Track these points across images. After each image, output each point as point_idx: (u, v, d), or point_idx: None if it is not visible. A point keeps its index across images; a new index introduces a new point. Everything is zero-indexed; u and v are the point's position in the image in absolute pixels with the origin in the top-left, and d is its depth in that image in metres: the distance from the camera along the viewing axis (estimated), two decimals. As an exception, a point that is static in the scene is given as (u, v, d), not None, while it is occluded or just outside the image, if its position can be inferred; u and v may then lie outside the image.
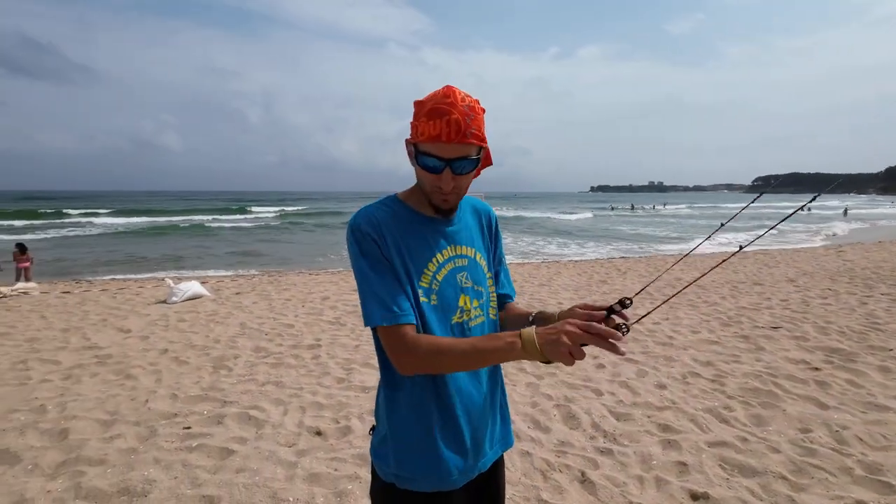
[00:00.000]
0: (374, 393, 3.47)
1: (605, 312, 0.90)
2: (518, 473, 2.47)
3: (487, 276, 1.12)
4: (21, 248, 11.22)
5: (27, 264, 10.95)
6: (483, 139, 0.97)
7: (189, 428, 2.95)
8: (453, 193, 0.99)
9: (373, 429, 1.11)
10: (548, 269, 10.17)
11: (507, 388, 3.46)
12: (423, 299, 0.99)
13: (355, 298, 6.86)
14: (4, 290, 7.31)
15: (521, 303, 6.32)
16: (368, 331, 4.99)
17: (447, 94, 0.94)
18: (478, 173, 1.07)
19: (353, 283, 8.08)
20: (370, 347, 4.54)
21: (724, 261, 1.19)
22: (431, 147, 0.94)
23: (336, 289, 7.73)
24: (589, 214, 43.18)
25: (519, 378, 3.72)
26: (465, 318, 1.04)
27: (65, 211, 37.18)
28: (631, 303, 0.90)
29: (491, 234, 1.19)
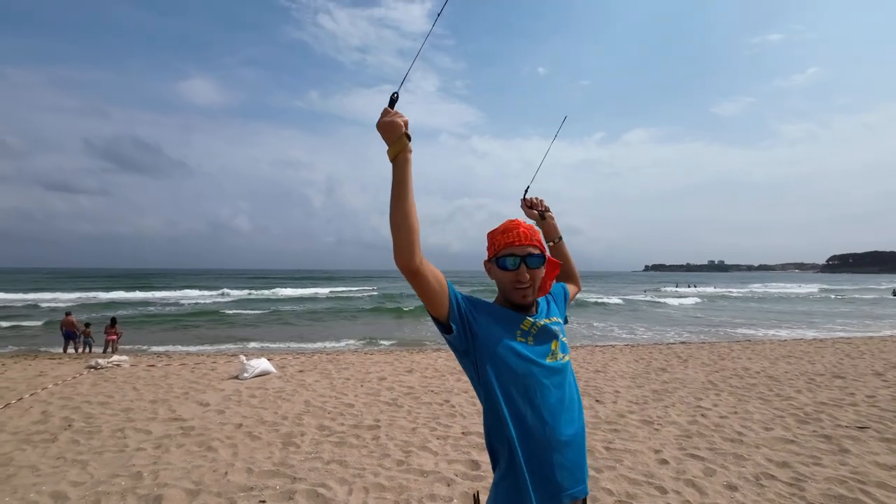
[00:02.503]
0: (432, 477, 3.56)
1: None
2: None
3: (565, 340, 1.38)
4: (112, 321, 12.58)
5: (114, 337, 12.21)
6: (543, 248, 1.34)
7: (264, 502, 3.18)
8: (530, 286, 1.29)
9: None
10: (602, 353, 9.89)
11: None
12: (520, 339, 1.25)
13: (410, 380, 7.05)
14: (102, 362, 8.19)
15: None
16: (425, 412, 5.16)
17: (514, 222, 1.35)
18: (550, 276, 1.39)
19: (408, 364, 8.33)
20: (426, 430, 4.66)
21: None
22: (508, 250, 1.30)
23: (391, 369, 7.96)
24: (696, 299, 35.37)
25: (577, 470, 3.67)
26: (553, 359, 1.28)
27: (149, 291, 41.03)
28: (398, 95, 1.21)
29: (558, 300, 1.51)
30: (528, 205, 1.75)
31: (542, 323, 1.30)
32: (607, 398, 5.92)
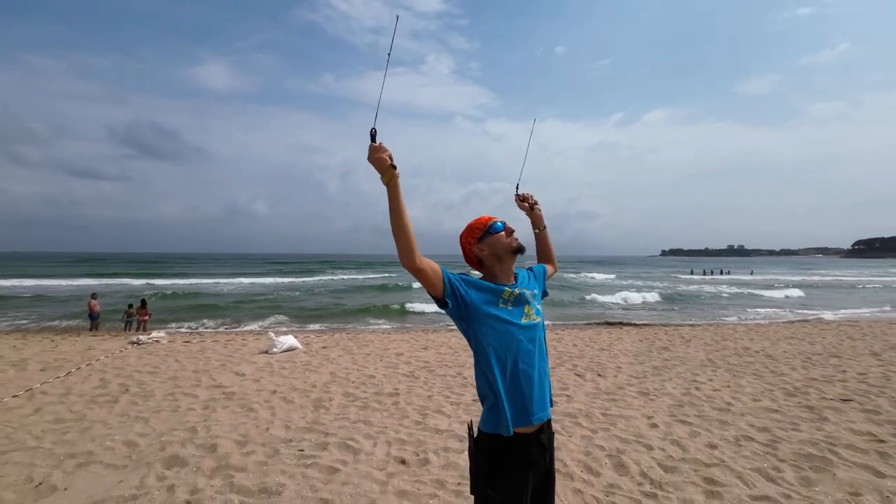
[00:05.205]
0: (446, 434, 4.07)
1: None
2: (570, 504, 2.92)
3: (539, 306, 1.77)
4: (143, 303, 13.43)
5: (146, 318, 13.07)
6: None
7: (302, 450, 3.72)
8: (516, 237, 1.74)
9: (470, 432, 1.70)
10: (609, 334, 10.29)
11: (563, 439, 3.95)
12: (501, 305, 1.64)
13: (427, 356, 7.57)
14: (143, 338, 8.91)
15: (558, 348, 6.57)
16: (440, 383, 5.72)
17: (481, 218, 1.78)
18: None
19: (423, 342, 8.88)
20: (441, 398, 5.17)
21: None
22: (491, 221, 1.75)
23: (408, 346, 8.50)
24: (799, 293, 27.28)
25: (575, 431, 4.14)
26: (528, 319, 1.66)
27: (172, 277, 42.47)
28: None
29: (538, 276, 1.92)
30: (521, 199, 2.16)
31: (517, 292, 1.70)
32: (609, 373, 6.35)
